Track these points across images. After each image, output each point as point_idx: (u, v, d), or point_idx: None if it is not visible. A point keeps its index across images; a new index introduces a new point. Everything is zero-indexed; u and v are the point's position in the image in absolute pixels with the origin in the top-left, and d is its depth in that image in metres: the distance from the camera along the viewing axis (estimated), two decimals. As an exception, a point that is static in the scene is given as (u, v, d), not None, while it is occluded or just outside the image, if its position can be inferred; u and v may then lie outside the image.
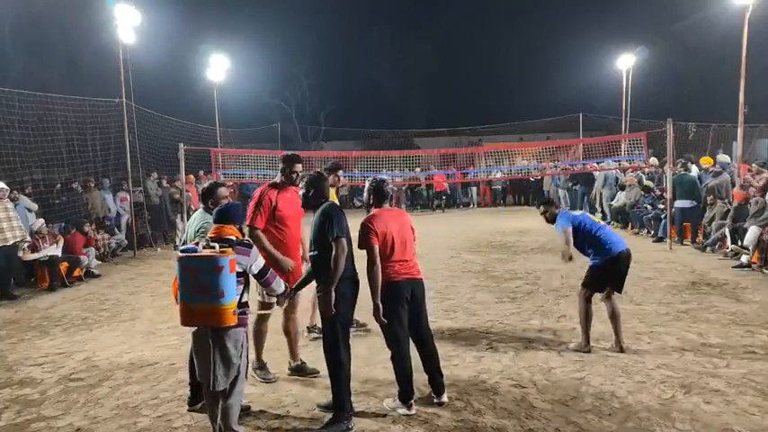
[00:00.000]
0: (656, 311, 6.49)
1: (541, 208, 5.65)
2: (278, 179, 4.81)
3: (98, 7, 15.67)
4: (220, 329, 3.38)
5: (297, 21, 38.16)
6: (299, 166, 4.77)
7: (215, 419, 3.54)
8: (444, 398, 4.24)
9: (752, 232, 8.84)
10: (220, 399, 3.50)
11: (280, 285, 3.82)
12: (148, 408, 4.36)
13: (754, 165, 10.69)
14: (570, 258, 5.16)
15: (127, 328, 6.61)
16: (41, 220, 9.62)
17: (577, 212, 5.61)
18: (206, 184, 4.45)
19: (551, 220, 5.50)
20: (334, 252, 3.82)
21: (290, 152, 5.00)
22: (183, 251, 3.41)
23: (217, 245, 3.40)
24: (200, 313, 3.34)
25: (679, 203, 11.07)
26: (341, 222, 3.91)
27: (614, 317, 5.20)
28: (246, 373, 3.64)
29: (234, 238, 3.55)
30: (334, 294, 3.83)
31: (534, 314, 6.56)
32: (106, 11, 12.24)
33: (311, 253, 4.03)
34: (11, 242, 8.44)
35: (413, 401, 4.12)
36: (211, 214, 4.14)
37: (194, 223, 4.29)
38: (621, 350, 5.15)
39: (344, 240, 3.88)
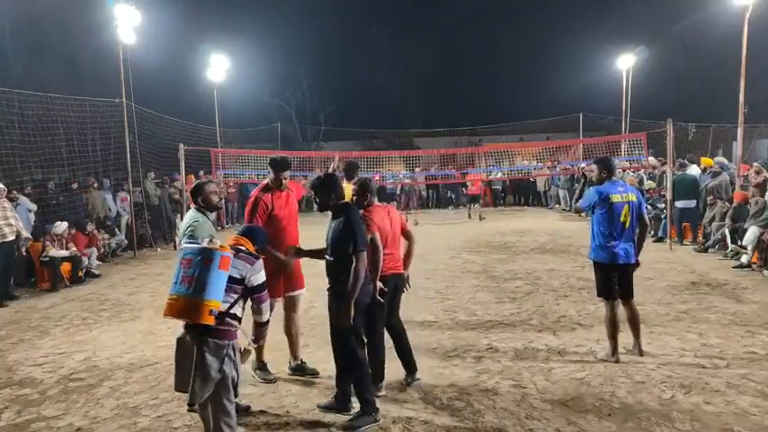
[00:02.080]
0: (656, 311, 6.50)
1: (594, 166, 5.24)
2: (268, 182, 4.80)
3: (98, 7, 15.66)
4: (203, 338, 3.20)
5: (297, 21, 38.25)
6: (287, 173, 4.77)
7: (209, 428, 3.38)
8: (417, 375, 4.60)
9: (752, 232, 8.84)
10: (209, 408, 3.30)
11: (267, 311, 3.59)
12: (148, 408, 4.36)
13: (755, 164, 10.69)
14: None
15: (127, 328, 6.61)
16: (65, 224, 9.66)
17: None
18: (193, 184, 4.37)
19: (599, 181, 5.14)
20: (354, 264, 3.79)
21: (278, 157, 4.90)
22: (187, 243, 3.37)
23: (218, 241, 3.34)
24: (179, 304, 3.16)
25: (680, 203, 11.07)
26: (364, 233, 3.87)
27: (632, 320, 5.09)
28: (236, 391, 3.39)
29: (244, 248, 3.48)
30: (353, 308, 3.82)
31: (534, 314, 6.56)
32: (106, 11, 12.23)
33: (328, 258, 4.01)
34: (9, 238, 8.42)
35: (383, 384, 4.39)
36: (202, 213, 4.06)
37: (184, 222, 4.17)
38: (641, 354, 5.06)
39: (365, 254, 3.85)
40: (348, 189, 5.79)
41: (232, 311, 3.31)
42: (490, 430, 3.84)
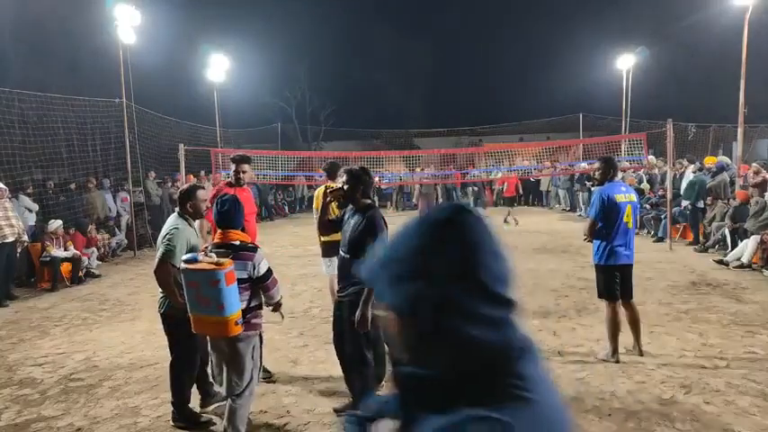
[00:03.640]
0: (656, 311, 6.49)
1: (597, 163, 5.24)
2: (230, 180, 4.96)
3: (98, 7, 15.65)
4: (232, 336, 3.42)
5: (297, 21, 38.22)
6: (245, 167, 4.88)
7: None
8: None
9: (750, 248, 8.71)
10: (229, 398, 3.54)
11: (277, 294, 3.68)
12: (148, 408, 4.36)
13: (754, 164, 10.69)
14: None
15: (127, 328, 6.60)
16: (59, 222, 9.65)
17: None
18: (184, 186, 4.19)
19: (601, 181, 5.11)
20: None
21: (239, 153, 5.09)
22: (185, 261, 3.38)
23: (214, 255, 3.39)
24: (206, 323, 3.40)
25: (702, 203, 11.04)
26: (385, 236, 3.80)
27: (633, 321, 5.09)
28: (259, 375, 3.65)
29: (238, 243, 3.47)
30: (370, 312, 3.76)
31: (534, 314, 6.55)
32: (106, 11, 12.23)
33: (344, 255, 3.93)
34: (10, 239, 8.42)
35: (384, 383, 4.34)
36: (185, 219, 3.95)
37: (163, 229, 3.96)
38: (641, 354, 5.07)
39: None
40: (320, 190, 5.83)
41: (252, 305, 3.51)
42: (490, 430, 3.83)
